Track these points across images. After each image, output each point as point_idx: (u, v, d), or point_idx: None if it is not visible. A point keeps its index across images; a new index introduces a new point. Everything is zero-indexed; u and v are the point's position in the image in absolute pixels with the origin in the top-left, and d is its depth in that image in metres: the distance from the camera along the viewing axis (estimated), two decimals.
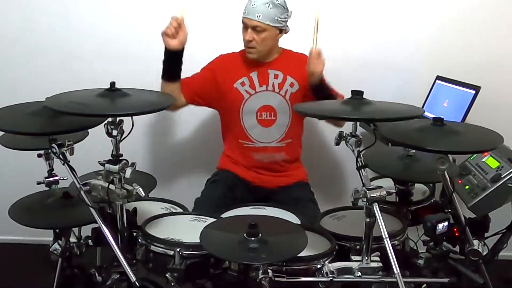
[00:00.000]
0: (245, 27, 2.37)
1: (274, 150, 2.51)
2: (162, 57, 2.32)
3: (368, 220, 1.73)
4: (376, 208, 1.68)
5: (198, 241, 1.68)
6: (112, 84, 1.82)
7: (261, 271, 1.62)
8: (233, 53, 2.55)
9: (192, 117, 2.94)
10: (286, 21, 2.40)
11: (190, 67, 2.81)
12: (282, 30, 2.41)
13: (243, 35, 2.40)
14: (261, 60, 2.47)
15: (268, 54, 2.45)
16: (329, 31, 2.83)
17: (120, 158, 1.78)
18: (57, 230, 2.01)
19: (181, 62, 2.36)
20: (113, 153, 1.79)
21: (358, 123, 1.78)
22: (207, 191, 2.49)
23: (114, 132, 1.76)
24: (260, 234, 1.62)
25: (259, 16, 2.31)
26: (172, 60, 2.34)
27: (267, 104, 2.48)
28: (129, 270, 1.71)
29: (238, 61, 2.51)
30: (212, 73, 2.50)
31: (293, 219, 2.09)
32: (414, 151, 2.09)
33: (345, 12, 2.83)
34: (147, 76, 2.76)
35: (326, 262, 1.76)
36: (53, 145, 1.79)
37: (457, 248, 1.93)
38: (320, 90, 2.31)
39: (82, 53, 2.88)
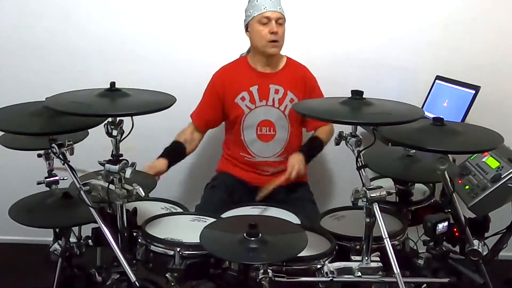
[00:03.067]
0: (267, 21, 2.34)
1: (273, 164, 2.51)
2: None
3: (368, 220, 1.73)
4: (376, 208, 1.68)
5: (198, 241, 1.68)
6: (112, 84, 1.82)
7: (261, 271, 1.62)
8: (232, 64, 2.53)
9: None
10: None
11: (188, 69, 2.83)
12: None
13: (261, 32, 2.35)
14: (268, 64, 2.46)
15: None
16: (329, 31, 2.85)
17: (120, 158, 1.78)
18: (57, 230, 2.02)
19: (179, 154, 2.48)
20: (113, 153, 1.79)
21: None
22: (206, 197, 2.48)
23: (114, 132, 1.76)
24: (260, 234, 1.63)
25: (280, 8, 2.36)
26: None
27: (266, 119, 2.47)
28: (129, 270, 1.71)
29: (239, 74, 2.49)
30: (215, 92, 2.49)
31: (293, 219, 2.09)
32: (414, 151, 2.09)
33: (345, 11, 2.83)
34: (147, 76, 2.78)
35: (326, 262, 1.76)
36: (53, 145, 1.79)
37: (457, 248, 1.93)
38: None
39: (82, 53, 2.88)
